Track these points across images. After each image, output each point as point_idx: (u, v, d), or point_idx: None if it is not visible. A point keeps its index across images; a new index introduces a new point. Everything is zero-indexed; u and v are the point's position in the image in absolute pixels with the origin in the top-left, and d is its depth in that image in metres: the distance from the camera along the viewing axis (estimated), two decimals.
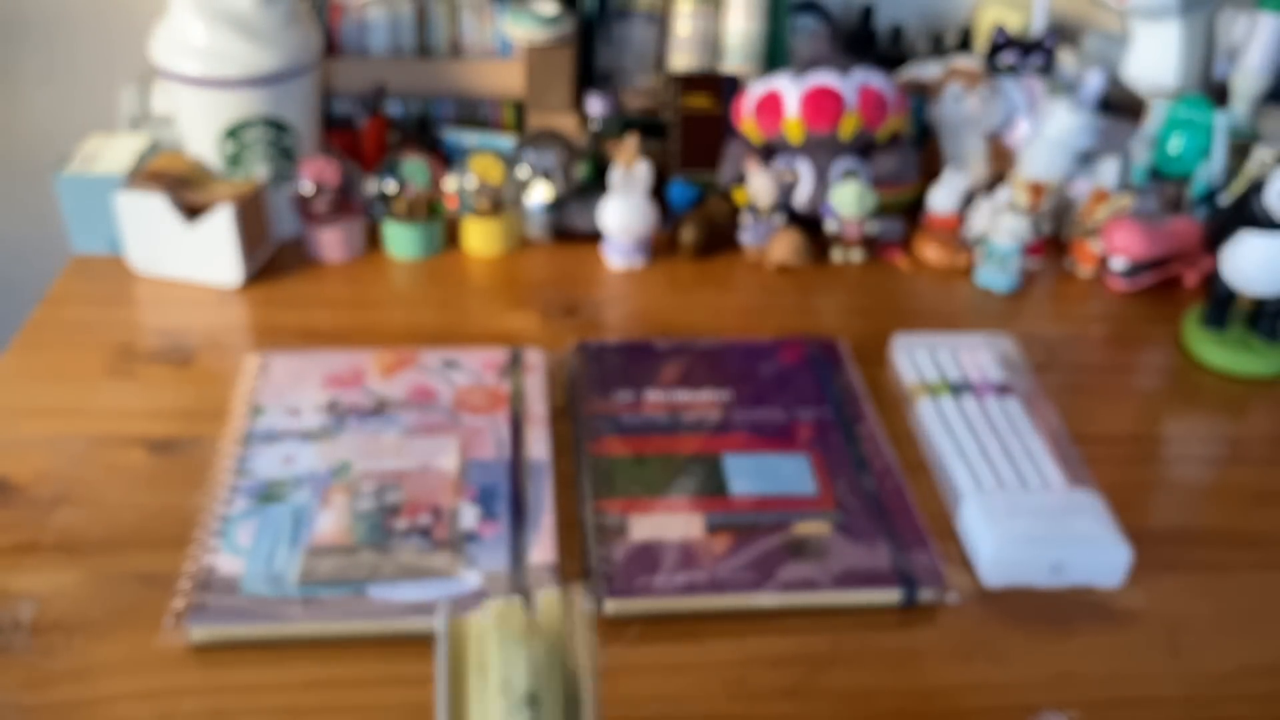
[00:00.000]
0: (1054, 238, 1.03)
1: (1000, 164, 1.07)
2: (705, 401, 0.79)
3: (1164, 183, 1.03)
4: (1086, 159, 1.03)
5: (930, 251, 1.00)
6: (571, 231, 1.00)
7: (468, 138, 1.09)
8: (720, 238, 1.00)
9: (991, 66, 1.11)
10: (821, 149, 0.99)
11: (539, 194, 0.99)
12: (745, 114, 1.01)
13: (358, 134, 1.05)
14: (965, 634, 0.64)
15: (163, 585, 0.63)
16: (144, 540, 0.67)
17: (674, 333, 0.89)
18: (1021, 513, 0.69)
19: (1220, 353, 0.88)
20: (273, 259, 0.96)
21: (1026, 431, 0.77)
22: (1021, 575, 0.67)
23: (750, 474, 0.72)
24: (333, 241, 0.95)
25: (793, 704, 0.59)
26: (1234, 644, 0.64)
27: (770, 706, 0.59)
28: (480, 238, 0.98)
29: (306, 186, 0.94)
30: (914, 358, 0.84)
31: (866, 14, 1.21)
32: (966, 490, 0.71)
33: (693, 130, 1.07)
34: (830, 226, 0.99)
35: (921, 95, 1.10)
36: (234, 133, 0.93)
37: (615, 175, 0.94)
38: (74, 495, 0.70)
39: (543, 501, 0.70)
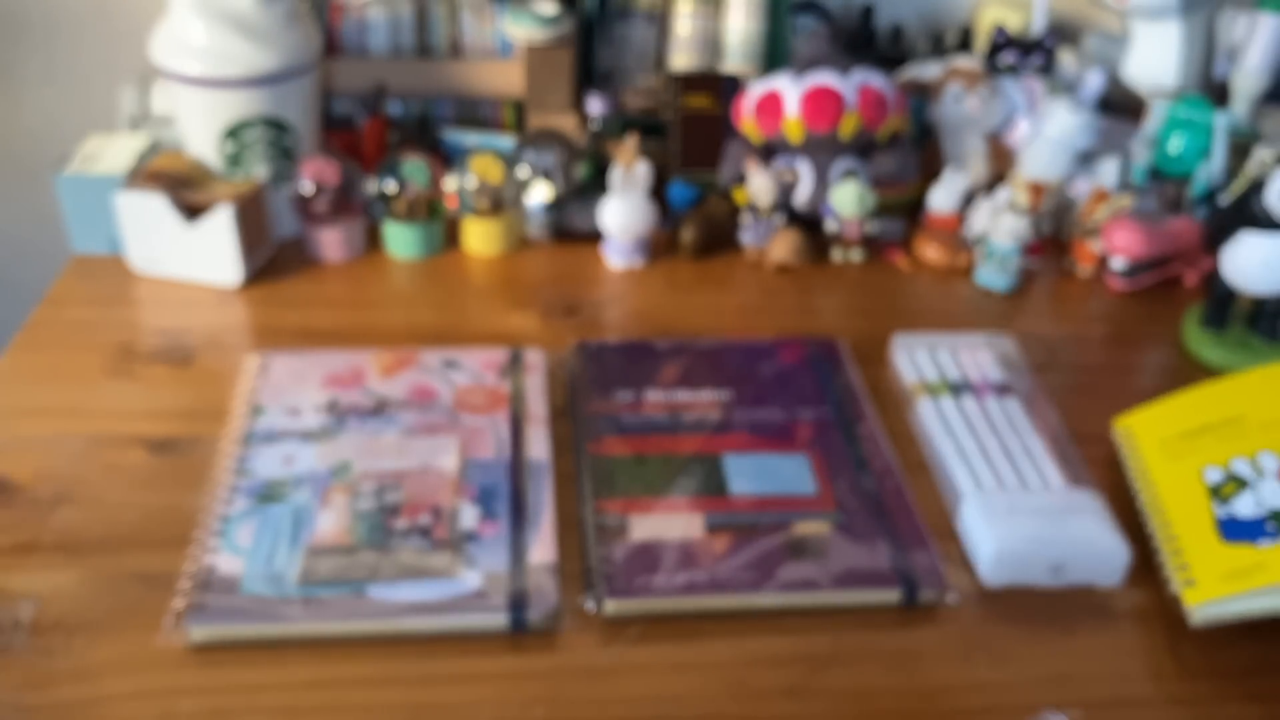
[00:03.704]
0: (1054, 238, 1.03)
1: (1000, 164, 1.07)
2: (705, 401, 0.79)
3: (1164, 183, 1.03)
4: (1086, 159, 1.03)
5: (930, 251, 1.00)
6: (571, 231, 1.00)
7: (468, 138, 1.09)
8: (720, 238, 1.00)
9: (991, 66, 1.11)
10: (821, 149, 0.99)
11: (539, 194, 0.99)
12: (745, 114, 1.01)
13: (358, 134, 1.05)
14: (965, 634, 0.64)
15: (163, 585, 0.63)
16: (144, 540, 0.67)
17: (674, 333, 0.89)
18: (1021, 513, 0.69)
19: (1220, 353, 0.88)
20: (273, 259, 0.96)
21: (1026, 431, 0.77)
22: (1022, 575, 0.67)
23: (750, 474, 0.72)
24: (333, 241, 0.95)
25: (793, 704, 0.59)
26: (1234, 643, 0.64)
27: (770, 706, 0.59)
28: (480, 238, 0.98)
29: (306, 186, 0.94)
30: (914, 357, 0.84)
31: (866, 14, 1.21)
32: (966, 490, 0.71)
33: (693, 130, 1.07)
34: (830, 226, 0.99)
35: (921, 95, 1.10)
36: (234, 133, 0.93)
37: (615, 175, 0.94)
38: (74, 495, 0.70)
39: (543, 501, 0.70)
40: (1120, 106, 1.13)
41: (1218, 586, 0.64)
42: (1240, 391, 0.75)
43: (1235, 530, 0.66)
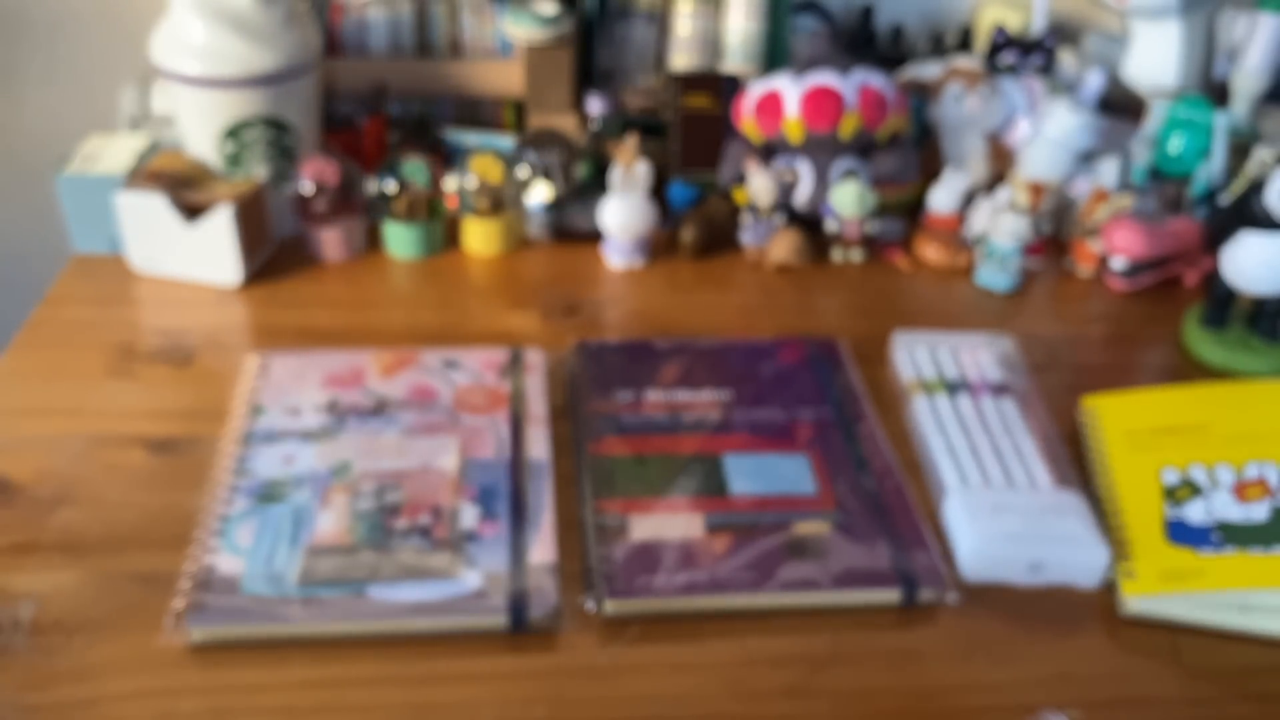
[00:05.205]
0: (1054, 238, 1.03)
1: (1000, 164, 1.07)
2: (705, 401, 0.79)
3: (1164, 183, 1.03)
4: (1086, 159, 1.03)
5: (930, 251, 1.00)
6: (571, 231, 1.00)
7: (468, 138, 1.09)
8: (720, 238, 1.00)
9: (991, 66, 1.11)
10: (821, 149, 0.99)
11: (539, 194, 0.99)
12: (745, 114, 1.01)
13: (358, 134, 1.05)
14: (965, 634, 0.64)
15: (163, 585, 0.63)
16: (144, 540, 0.67)
17: (674, 333, 0.89)
18: (1004, 511, 0.69)
19: (1220, 352, 0.88)
20: (273, 259, 0.96)
21: (1019, 432, 0.77)
22: (999, 572, 0.67)
23: (750, 474, 0.72)
24: (333, 241, 0.95)
25: (793, 704, 0.59)
26: (1234, 644, 0.64)
27: (770, 706, 0.59)
28: (480, 238, 0.98)
29: (306, 186, 0.94)
30: (914, 355, 0.84)
31: (866, 14, 1.21)
32: (951, 487, 0.72)
33: (693, 130, 1.07)
34: (830, 226, 0.99)
35: (921, 95, 1.10)
36: (234, 133, 0.93)
37: (615, 175, 0.94)
38: (74, 495, 0.70)
39: (543, 501, 0.70)
40: (1120, 106, 1.13)
41: (1154, 583, 0.65)
42: (1212, 401, 0.76)
43: (1181, 534, 0.67)
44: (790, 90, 0.98)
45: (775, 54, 1.15)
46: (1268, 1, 1.08)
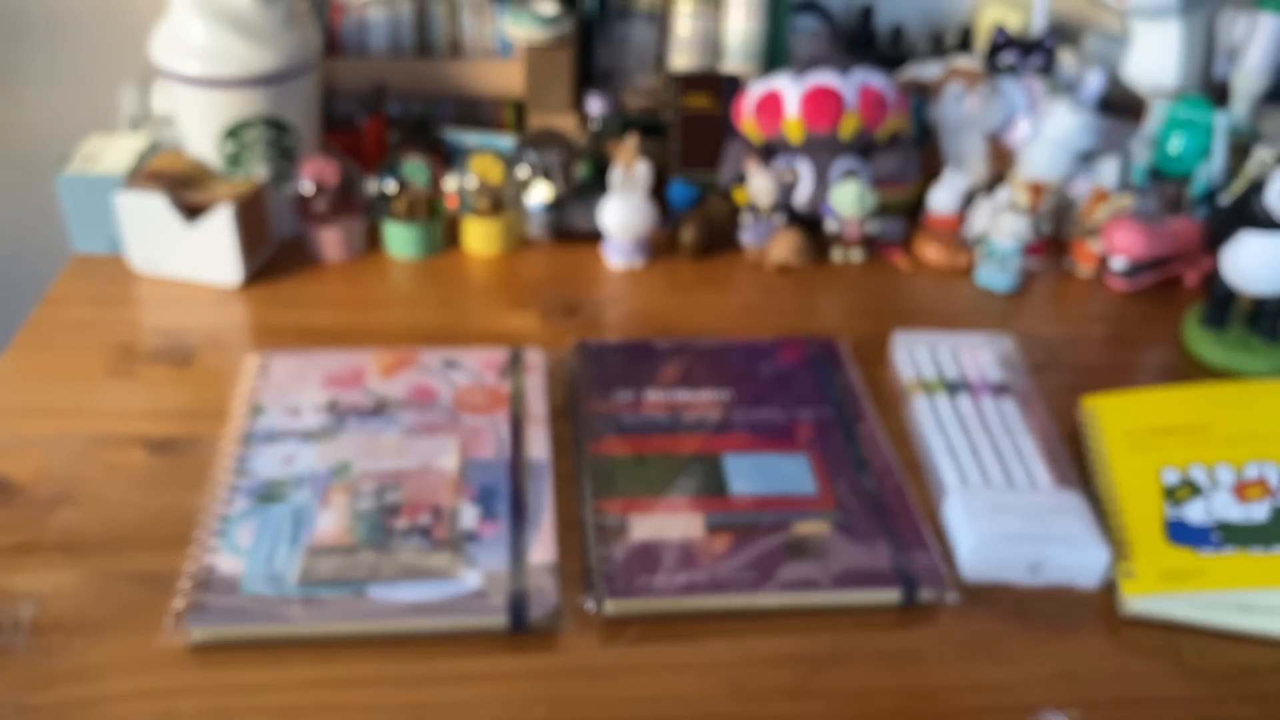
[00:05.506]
0: (1054, 238, 1.03)
1: (1000, 164, 1.07)
2: (705, 401, 0.79)
3: (1164, 183, 1.03)
4: (1086, 159, 1.03)
5: (930, 251, 1.00)
6: (571, 231, 1.00)
7: (468, 138, 1.09)
8: (720, 238, 1.00)
9: (991, 66, 1.11)
10: (821, 149, 0.99)
11: (539, 194, 0.99)
12: (745, 114, 1.01)
13: (358, 134, 1.05)
14: (965, 634, 0.64)
15: (163, 585, 0.63)
16: (144, 540, 0.67)
17: (674, 333, 0.89)
18: (1003, 510, 0.69)
19: (1220, 352, 0.88)
20: (273, 259, 0.96)
21: (1019, 432, 0.77)
22: (999, 572, 0.67)
23: (750, 474, 0.72)
24: (333, 241, 0.95)
25: (793, 704, 0.59)
26: (1234, 644, 0.64)
27: (770, 706, 0.59)
28: (480, 238, 0.98)
29: (306, 186, 0.94)
30: (914, 355, 0.84)
31: (866, 14, 1.21)
32: (951, 486, 0.72)
33: (693, 130, 1.07)
34: (830, 226, 0.99)
35: (921, 95, 1.10)
36: (234, 133, 0.93)
37: (615, 175, 0.94)
38: (74, 495, 0.70)
39: (543, 501, 0.70)
40: (1120, 106, 1.13)
41: (1155, 583, 0.65)
42: (1212, 401, 0.76)
43: (1182, 534, 0.67)
44: (790, 90, 0.98)
45: (775, 54, 1.15)
46: (1268, 1, 1.08)
